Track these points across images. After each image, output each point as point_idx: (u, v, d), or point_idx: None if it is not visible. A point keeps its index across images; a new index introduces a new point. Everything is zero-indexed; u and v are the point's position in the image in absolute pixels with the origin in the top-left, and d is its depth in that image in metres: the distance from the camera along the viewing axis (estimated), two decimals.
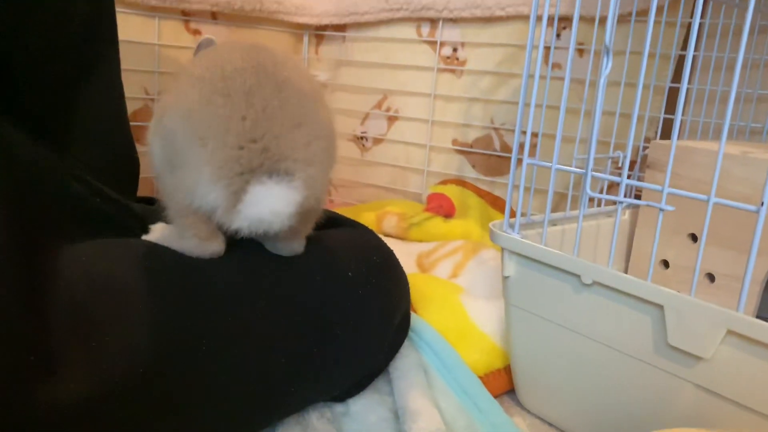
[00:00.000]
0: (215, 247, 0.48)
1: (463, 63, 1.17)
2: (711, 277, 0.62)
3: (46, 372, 0.38)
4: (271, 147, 0.44)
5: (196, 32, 1.16)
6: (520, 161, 0.57)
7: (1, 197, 0.40)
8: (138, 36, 1.07)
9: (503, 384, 0.65)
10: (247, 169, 0.43)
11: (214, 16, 1.17)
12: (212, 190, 0.44)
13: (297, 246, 0.52)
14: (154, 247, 0.49)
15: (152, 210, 0.54)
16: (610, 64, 0.48)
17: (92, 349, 0.40)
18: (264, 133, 0.44)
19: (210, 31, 1.17)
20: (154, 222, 0.52)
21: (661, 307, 0.45)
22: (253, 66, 0.46)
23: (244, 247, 0.50)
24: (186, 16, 1.13)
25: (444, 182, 1.19)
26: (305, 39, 1.34)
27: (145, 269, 0.46)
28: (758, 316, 0.62)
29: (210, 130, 0.43)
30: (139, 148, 0.67)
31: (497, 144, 1.17)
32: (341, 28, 1.30)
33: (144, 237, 0.50)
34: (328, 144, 0.48)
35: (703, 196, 0.43)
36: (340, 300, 0.53)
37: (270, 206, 0.44)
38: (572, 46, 0.52)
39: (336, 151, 0.50)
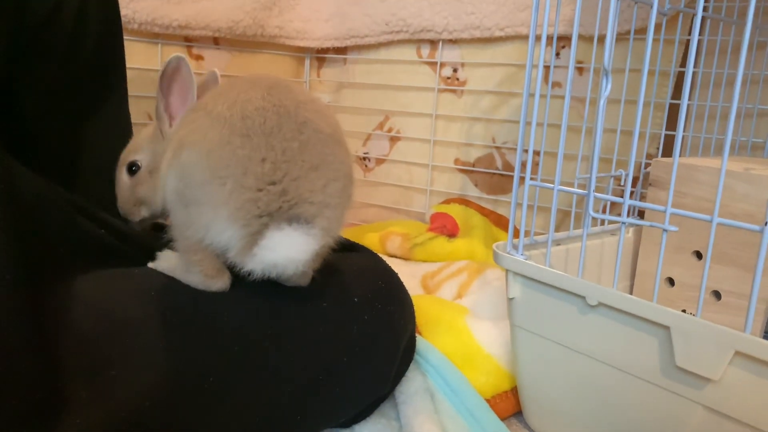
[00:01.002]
0: (221, 284, 0.48)
1: (464, 83, 1.18)
2: (717, 295, 0.62)
3: (55, 412, 0.38)
4: (290, 190, 0.44)
5: (199, 57, 1.17)
6: (522, 179, 0.57)
7: (6, 233, 0.40)
8: (141, 62, 1.08)
9: (510, 406, 0.64)
10: (264, 211, 0.43)
11: (216, 42, 1.18)
12: (227, 229, 0.44)
13: (303, 281, 0.52)
14: (161, 279, 0.49)
15: (160, 237, 0.54)
16: (609, 86, 0.48)
17: (100, 387, 0.40)
18: (283, 175, 0.44)
19: (212, 56, 1.18)
20: (161, 249, 0.52)
21: (667, 328, 0.45)
22: (273, 105, 0.46)
23: (249, 280, 0.50)
24: (188, 42, 1.14)
25: (447, 201, 1.19)
26: (306, 62, 1.36)
27: (152, 304, 0.46)
28: (766, 335, 0.61)
29: (229, 170, 0.43)
30: None
31: (499, 163, 1.17)
32: (342, 50, 1.31)
33: (150, 264, 0.50)
34: (345, 184, 0.48)
35: (707, 217, 0.43)
36: (347, 326, 0.52)
37: (286, 253, 0.44)
38: (572, 65, 0.52)
39: (353, 190, 0.50)
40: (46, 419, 0.38)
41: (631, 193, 0.65)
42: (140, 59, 1.08)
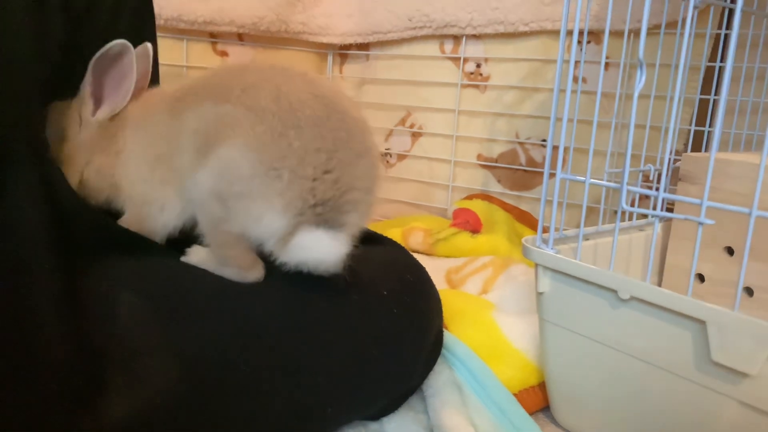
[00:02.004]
0: (256, 275, 0.49)
1: (487, 78, 1.18)
2: (749, 291, 0.61)
3: (91, 397, 0.39)
4: (342, 178, 0.45)
5: (223, 53, 1.18)
6: (550, 175, 0.57)
7: (45, 226, 0.41)
8: (167, 58, 1.09)
9: (538, 401, 0.64)
10: (320, 200, 0.44)
11: (240, 38, 1.19)
12: (279, 220, 0.45)
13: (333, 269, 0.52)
14: (192, 269, 0.49)
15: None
16: (644, 78, 0.47)
17: (135, 374, 0.41)
18: (336, 164, 0.45)
19: (237, 52, 1.19)
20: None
21: (702, 322, 0.45)
22: (315, 96, 0.47)
23: (280, 270, 0.50)
24: (213, 38, 1.15)
25: (470, 197, 1.19)
26: (329, 58, 1.36)
27: (184, 293, 0.46)
28: None
29: (285, 162, 0.44)
30: None
31: (523, 158, 1.17)
32: (365, 46, 1.31)
33: (182, 259, 0.51)
34: (379, 170, 0.50)
35: (745, 209, 0.42)
36: (376, 319, 0.52)
37: (317, 255, 0.45)
38: (603, 59, 0.52)
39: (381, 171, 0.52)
40: (83, 404, 0.39)
41: (659, 187, 0.64)
42: (166, 55, 1.08)
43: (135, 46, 0.61)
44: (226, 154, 0.45)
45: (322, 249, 0.45)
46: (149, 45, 0.57)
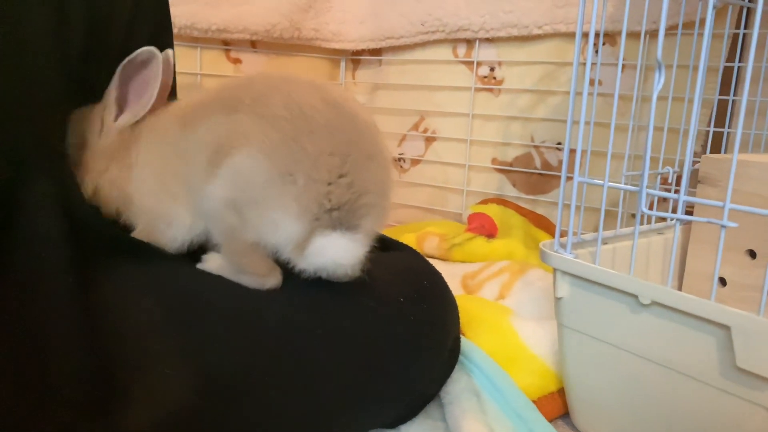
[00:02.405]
0: (274, 281, 0.49)
1: (501, 82, 1.17)
2: None
3: (107, 404, 0.39)
4: (356, 181, 0.45)
5: (237, 61, 1.18)
6: (567, 178, 0.56)
7: (62, 237, 0.42)
8: (181, 66, 1.09)
9: (557, 408, 0.63)
10: (336, 204, 0.44)
11: (253, 45, 1.20)
12: (295, 224, 0.44)
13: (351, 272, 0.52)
14: (207, 276, 0.49)
15: None
16: (662, 79, 0.47)
17: (151, 382, 0.41)
18: (350, 167, 0.45)
19: (250, 59, 1.20)
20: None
21: (727, 327, 0.44)
22: (324, 101, 0.47)
23: (297, 277, 0.50)
24: (226, 45, 1.16)
25: (485, 201, 1.18)
26: (342, 64, 1.36)
27: (199, 300, 0.46)
28: None
29: (299, 166, 0.44)
30: None
31: (538, 162, 1.16)
32: (377, 52, 1.31)
33: (198, 266, 0.51)
34: (392, 173, 0.50)
35: None
36: (393, 326, 0.52)
37: (333, 257, 0.45)
38: (620, 61, 0.51)
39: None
40: (100, 413, 0.39)
41: (678, 190, 0.63)
42: (180, 63, 1.09)
43: None
44: (239, 162, 0.45)
45: (339, 251, 0.45)
46: (171, 52, 0.57)
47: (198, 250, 0.53)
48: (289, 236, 0.45)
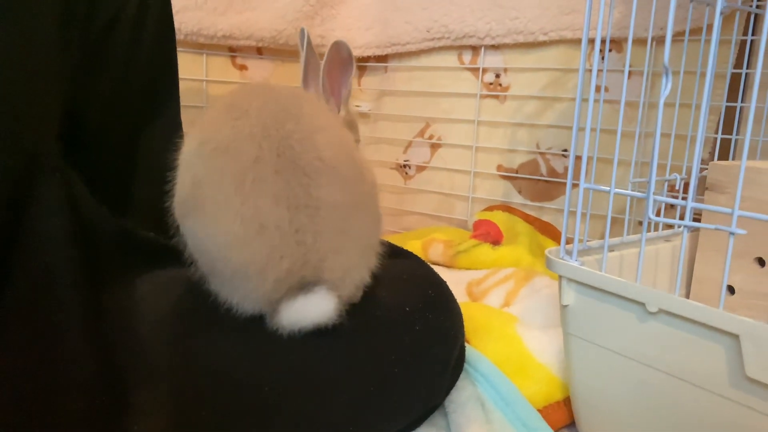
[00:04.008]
0: None
1: (507, 89, 1.17)
2: None
3: (116, 417, 0.38)
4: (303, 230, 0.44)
5: (243, 67, 1.19)
6: (573, 185, 0.56)
7: (67, 240, 0.41)
8: (187, 73, 1.09)
9: (563, 417, 0.62)
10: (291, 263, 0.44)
11: (259, 52, 1.20)
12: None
13: (355, 299, 0.51)
14: None
15: None
16: (669, 85, 0.46)
17: (160, 394, 0.40)
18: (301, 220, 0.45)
19: (256, 65, 1.20)
20: None
21: (736, 336, 0.43)
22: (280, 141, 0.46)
23: None
24: (233, 52, 1.16)
25: (490, 208, 1.17)
26: None
27: (209, 311, 0.46)
28: None
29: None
30: None
31: (544, 169, 1.15)
32: (383, 58, 1.31)
33: None
34: (373, 219, 0.51)
35: None
36: (398, 336, 0.51)
37: (308, 318, 0.45)
38: (626, 68, 0.51)
39: (377, 212, 0.52)
40: (107, 424, 0.38)
41: (686, 197, 0.63)
42: (185, 69, 1.09)
43: (157, 59, 0.62)
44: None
45: (309, 314, 0.45)
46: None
47: None
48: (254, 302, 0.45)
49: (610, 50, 1.04)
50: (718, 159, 0.92)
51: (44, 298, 0.39)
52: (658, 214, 0.81)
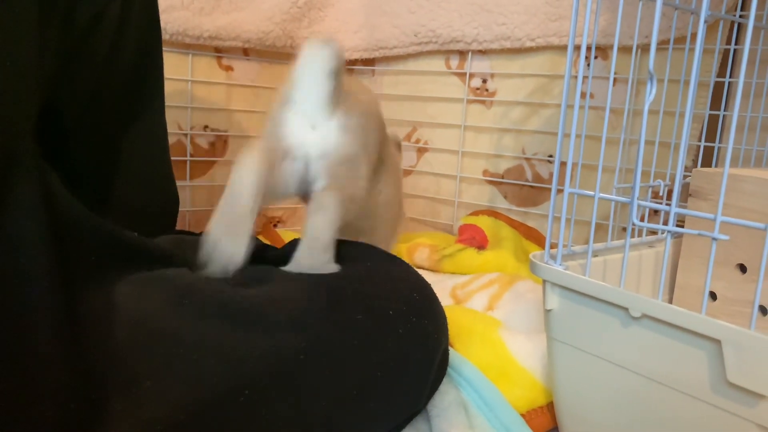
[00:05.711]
0: None
1: (493, 94, 1.17)
2: (763, 310, 0.59)
3: (89, 423, 0.37)
4: None
5: (228, 68, 1.18)
6: (558, 190, 0.56)
7: (43, 242, 0.40)
8: (172, 73, 1.09)
9: (546, 422, 0.62)
10: None
11: (245, 53, 1.19)
12: None
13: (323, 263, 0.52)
14: (195, 285, 0.48)
15: (191, 241, 0.53)
16: (654, 90, 0.47)
17: (134, 399, 0.39)
18: None
19: (242, 67, 1.19)
20: (191, 253, 0.52)
21: (717, 341, 0.43)
22: None
23: (285, 293, 0.49)
24: (218, 52, 1.15)
25: (476, 213, 1.18)
26: None
27: (186, 313, 0.45)
28: None
29: None
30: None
31: (529, 174, 1.16)
32: (370, 62, 1.31)
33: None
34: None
35: (761, 225, 0.41)
36: (380, 340, 0.51)
37: None
38: (612, 75, 0.51)
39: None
40: (80, 430, 0.37)
41: (669, 204, 0.63)
42: (171, 69, 1.08)
43: (142, 58, 0.61)
44: None
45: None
46: None
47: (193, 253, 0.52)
48: None
49: (595, 57, 1.05)
50: (702, 166, 0.93)
51: (16, 302, 0.38)
52: (642, 221, 0.82)
